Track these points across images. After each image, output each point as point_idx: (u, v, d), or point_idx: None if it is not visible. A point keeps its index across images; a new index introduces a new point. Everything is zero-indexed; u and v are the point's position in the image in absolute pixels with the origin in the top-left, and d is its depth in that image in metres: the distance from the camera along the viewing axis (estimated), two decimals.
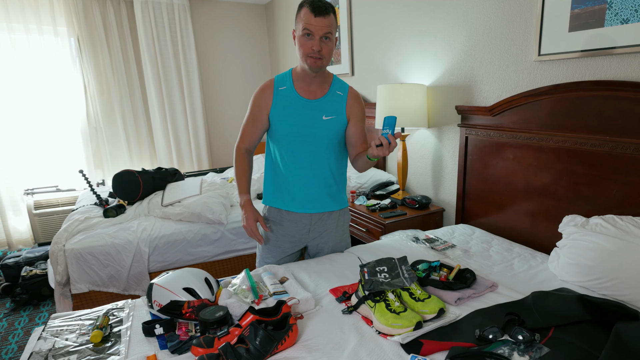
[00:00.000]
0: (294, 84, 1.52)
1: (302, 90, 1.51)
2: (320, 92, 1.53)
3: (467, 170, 2.18)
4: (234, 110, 4.59)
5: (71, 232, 2.29)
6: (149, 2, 3.74)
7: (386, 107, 2.36)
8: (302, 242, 1.66)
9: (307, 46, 1.39)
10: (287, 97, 1.51)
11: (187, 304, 1.22)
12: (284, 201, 1.59)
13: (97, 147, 3.89)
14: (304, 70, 1.48)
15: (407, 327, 1.10)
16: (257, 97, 1.54)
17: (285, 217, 1.61)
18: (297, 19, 1.42)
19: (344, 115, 1.55)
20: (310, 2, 1.36)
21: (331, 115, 1.52)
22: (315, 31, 1.36)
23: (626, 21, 1.47)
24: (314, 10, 1.35)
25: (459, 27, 2.18)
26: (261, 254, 1.68)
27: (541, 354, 1.00)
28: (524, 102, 1.81)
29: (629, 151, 1.46)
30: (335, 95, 1.54)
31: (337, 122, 1.54)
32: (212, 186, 2.83)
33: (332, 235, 1.68)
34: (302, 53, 1.42)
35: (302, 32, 1.38)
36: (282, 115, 1.50)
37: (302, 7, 1.39)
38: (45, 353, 1.12)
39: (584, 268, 1.36)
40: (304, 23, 1.37)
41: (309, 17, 1.36)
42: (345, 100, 1.55)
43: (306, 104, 1.51)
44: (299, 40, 1.41)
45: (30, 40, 3.38)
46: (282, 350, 1.08)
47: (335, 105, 1.53)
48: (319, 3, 1.36)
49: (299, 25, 1.40)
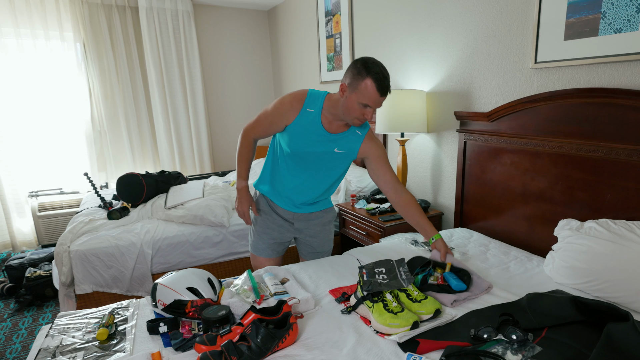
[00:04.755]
0: (322, 112, 1.51)
1: (327, 121, 1.52)
2: (342, 129, 1.55)
3: (466, 175, 2.21)
4: (236, 114, 4.64)
5: (76, 233, 2.33)
6: (153, 8, 3.81)
7: (387, 112, 2.39)
8: (290, 231, 1.75)
9: (360, 112, 1.42)
10: (310, 121, 1.51)
11: (190, 303, 1.25)
12: (273, 194, 1.69)
13: (101, 151, 3.93)
14: (337, 108, 1.48)
15: (404, 327, 1.14)
16: (284, 107, 1.52)
17: (272, 207, 1.71)
18: (358, 86, 1.37)
19: (355, 153, 1.59)
20: (377, 80, 1.35)
21: (342, 150, 1.56)
22: (375, 107, 1.41)
23: (619, 30, 1.51)
24: (381, 90, 1.37)
25: (458, 35, 2.22)
26: (253, 239, 1.79)
27: (534, 353, 1.03)
28: (521, 108, 1.85)
29: (623, 157, 1.49)
30: (355, 134, 1.57)
31: (346, 156, 1.59)
32: (214, 189, 2.87)
33: (318, 230, 1.77)
34: (351, 114, 1.43)
35: (362, 102, 1.39)
36: (298, 133, 1.52)
37: (367, 78, 1.36)
38: (52, 350, 1.16)
39: (577, 271, 1.39)
40: (366, 98, 1.37)
41: (374, 96, 1.37)
42: (361, 140, 1.58)
43: (324, 135, 1.53)
44: (354, 104, 1.40)
45: (37, 45, 3.44)
46: (282, 348, 1.12)
47: (350, 143, 1.56)
48: (385, 83, 1.37)
49: (358, 94, 1.38)
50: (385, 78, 1.37)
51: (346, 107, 1.43)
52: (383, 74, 1.36)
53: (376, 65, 1.36)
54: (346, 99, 1.42)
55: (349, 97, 1.40)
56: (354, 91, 1.39)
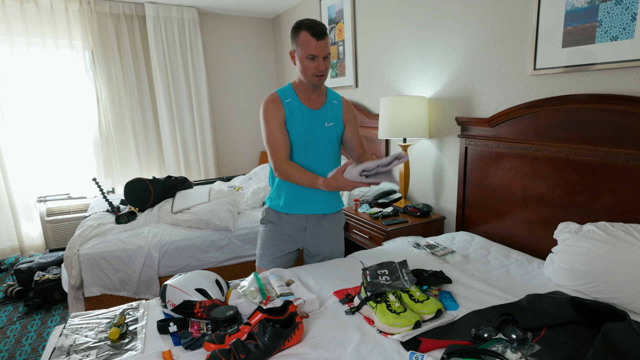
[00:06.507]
0: (298, 96, 1.63)
1: (306, 101, 1.64)
2: (320, 102, 1.67)
3: (467, 180, 2.25)
4: (240, 120, 4.71)
5: (85, 237, 2.38)
6: (160, 17, 3.89)
7: (389, 118, 2.44)
8: (299, 241, 1.76)
9: (312, 67, 1.52)
10: (294, 108, 1.62)
11: (199, 304, 1.29)
12: (283, 204, 1.70)
13: (108, 156, 4.00)
14: (304, 84, 1.61)
15: (407, 326, 1.17)
16: (272, 109, 1.59)
17: (282, 218, 1.72)
18: (298, 42, 1.51)
19: (341, 122, 1.71)
20: (309, 27, 1.47)
21: (331, 122, 1.67)
22: (319, 54, 1.50)
23: (615, 38, 1.55)
24: (315, 35, 1.47)
25: (459, 42, 2.27)
26: (260, 252, 1.79)
27: (533, 351, 1.06)
28: (520, 113, 1.89)
29: (620, 161, 1.53)
30: (332, 104, 1.70)
31: (336, 128, 1.69)
32: (220, 194, 2.92)
33: (329, 235, 1.78)
34: (307, 73, 1.54)
35: (306, 55, 1.50)
36: (291, 124, 1.61)
37: (301, 31, 1.49)
38: (67, 348, 1.20)
39: (577, 272, 1.42)
40: (307, 48, 1.49)
41: (311, 42, 1.48)
42: (341, 108, 1.72)
43: (311, 113, 1.63)
44: (303, 61, 1.53)
45: (47, 53, 3.52)
46: (288, 347, 1.15)
47: (334, 113, 1.69)
48: (317, 27, 1.47)
49: (300, 49, 1.51)
50: (316, 24, 1.48)
51: (301, 70, 1.55)
52: (313, 22, 1.49)
53: (306, 19, 1.51)
54: (298, 62, 1.54)
55: (299, 58, 1.53)
56: (298, 50, 1.52)
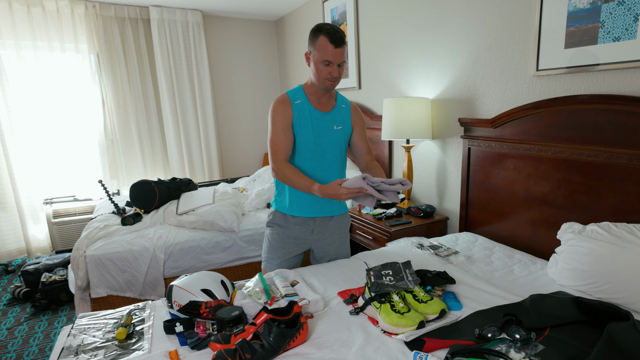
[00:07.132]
0: (308, 98, 1.65)
1: (316, 103, 1.66)
2: (330, 105, 1.69)
3: (470, 180, 2.26)
4: (244, 122, 4.73)
5: (91, 239, 2.40)
6: (165, 20, 3.92)
7: (392, 119, 2.45)
8: (307, 243, 1.77)
9: (326, 71, 1.53)
10: (303, 110, 1.63)
11: (204, 304, 1.31)
12: (289, 205, 1.70)
13: (113, 158, 4.03)
14: (315, 86, 1.62)
15: (411, 327, 1.18)
16: (279, 109, 1.59)
17: (289, 221, 1.72)
18: (315, 45, 1.52)
19: (349, 125, 1.73)
20: (328, 33, 1.48)
21: (340, 126, 1.69)
22: (334, 60, 1.51)
23: (618, 39, 1.55)
24: (334, 42, 1.48)
25: (462, 43, 2.28)
26: (267, 255, 1.78)
27: (537, 351, 1.07)
28: (523, 114, 1.90)
29: (623, 161, 1.53)
30: (341, 108, 1.71)
31: (345, 131, 1.71)
32: (224, 196, 2.94)
33: (336, 237, 1.79)
34: (319, 76, 1.55)
35: (321, 60, 1.51)
36: (300, 126, 1.62)
37: (320, 35, 1.49)
38: (75, 348, 1.22)
39: (580, 273, 1.43)
40: (323, 54, 1.50)
41: (329, 48, 1.49)
42: (349, 112, 1.74)
43: (320, 116, 1.65)
44: (317, 65, 1.53)
45: (53, 57, 3.56)
46: (293, 347, 1.16)
47: (342, 116, 1.70)
48: (337, 35, 1.48)
49: (317, 52, 1.52)
50: (336, 31, 1.49)
51: (314, 72, 1.56)
52: (333, 28, 1.49)
53: (327, 24, 1.51)
54: (312, 64, 1.56)
55: (313, 60, 1.54)
56: (314, 53, 1.53)
